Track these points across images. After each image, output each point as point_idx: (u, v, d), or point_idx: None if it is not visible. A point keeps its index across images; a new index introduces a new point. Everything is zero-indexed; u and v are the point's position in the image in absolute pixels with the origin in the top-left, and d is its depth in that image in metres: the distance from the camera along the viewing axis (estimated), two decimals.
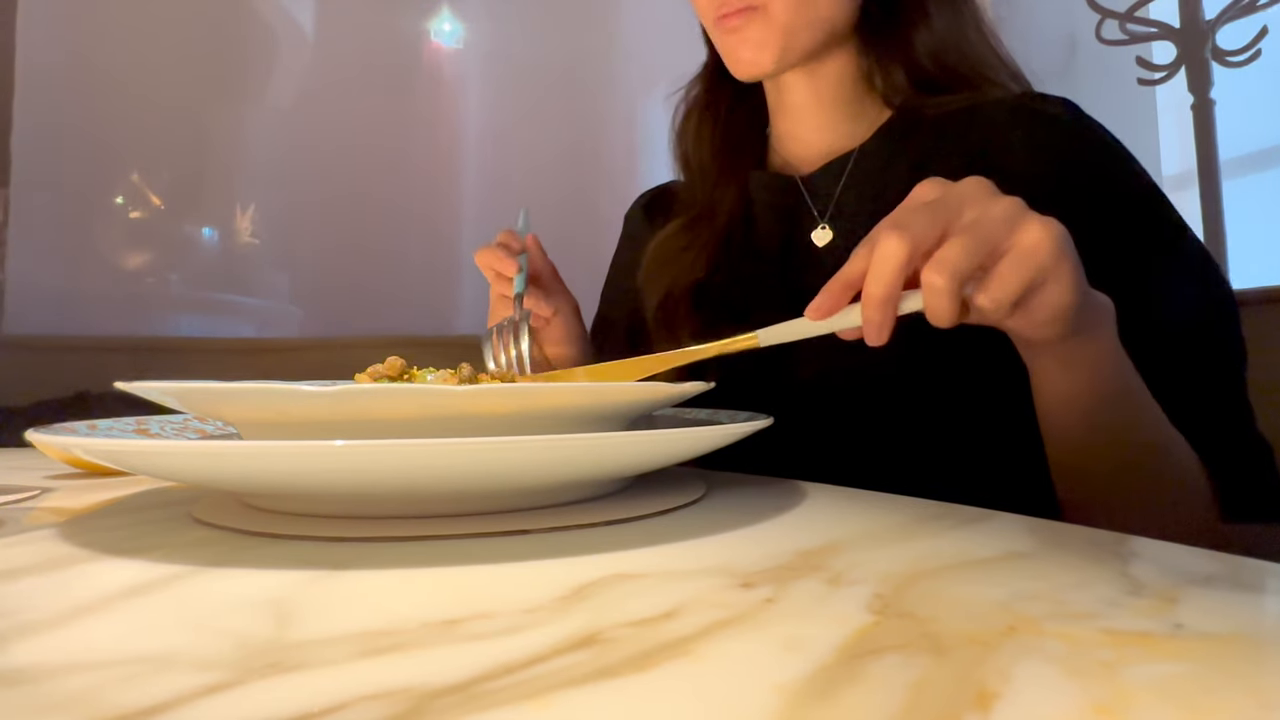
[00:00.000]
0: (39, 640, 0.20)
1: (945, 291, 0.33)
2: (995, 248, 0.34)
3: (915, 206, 0.36)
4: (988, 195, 0.36)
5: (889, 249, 0.34)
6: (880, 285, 0.34)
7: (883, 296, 0.34)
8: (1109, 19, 1.55)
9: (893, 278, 0.34)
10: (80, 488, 0.45)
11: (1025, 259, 0.34)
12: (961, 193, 0.36)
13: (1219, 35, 1.50)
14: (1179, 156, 1.68)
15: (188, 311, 1.54)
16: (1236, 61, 1.48)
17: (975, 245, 0.34)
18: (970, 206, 0.35)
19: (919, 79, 0.61)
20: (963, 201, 0.35)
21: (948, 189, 0.37)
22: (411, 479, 0.28)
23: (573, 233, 1.60)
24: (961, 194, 0.36)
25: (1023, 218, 0.35)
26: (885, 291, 0.34)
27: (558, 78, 1.65)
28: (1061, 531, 0.30)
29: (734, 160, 0.70)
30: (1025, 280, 0.35)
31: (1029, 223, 0.35)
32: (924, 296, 0.34)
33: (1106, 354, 0.42)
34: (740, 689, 0.16)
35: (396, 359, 0.43)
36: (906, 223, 0.34)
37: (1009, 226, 0.35)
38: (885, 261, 0.34)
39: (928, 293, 0.34)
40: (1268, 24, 1.45)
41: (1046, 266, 0.35)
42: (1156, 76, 1.57)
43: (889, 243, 0.34)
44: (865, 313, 0.35)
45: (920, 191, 0.37)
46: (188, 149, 1.54)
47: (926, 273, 0.34)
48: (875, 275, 0.34)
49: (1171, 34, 1.54)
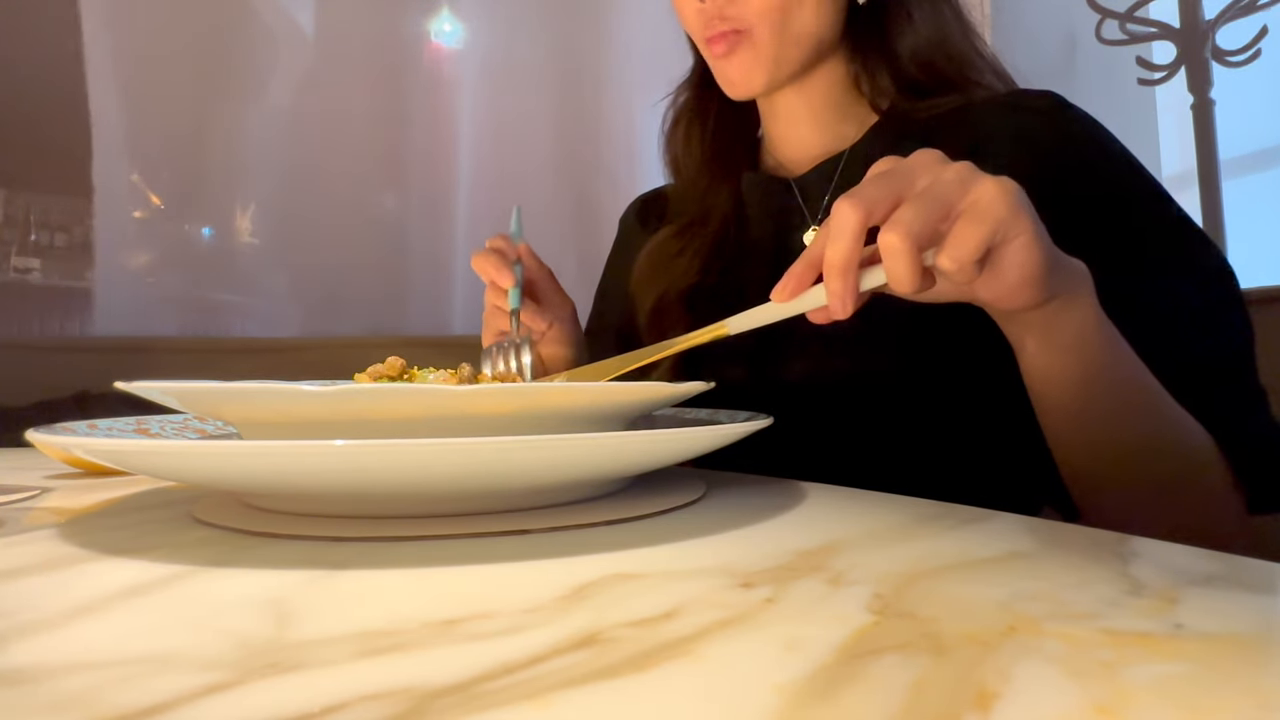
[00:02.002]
0: (39, 640, 0.20)
1: (902, 251, 0.34)
2: (950, 209, 0.35)
3: (867, 180, 0.36)
4: (938, 162, 0.37)
5: (843, 215, 0.34)
6: (838, 254, 0.35)
7: (842, 263, 0.35)
8: (1109, 19, 1.55)
9: (849, 243, 0.34)
10: (80, 488, 0.45)
11: (981, 215, 0.35)
12: (913, 163, 0.37)
13: (1219, 35, 1.50)
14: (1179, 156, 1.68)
15: (188, 311, 1.54)
16: (1236, 61, 1.48)
17: (929, 206, 0.34)
18: (922, 174, 0.36)
19: (905, 82, 0.62)
20: (914, 170, 0.36)
21: (899, 162, 0.37)
22: (411, 479, 0.28)
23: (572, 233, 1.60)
24: (912, 164, 0.37)
25: (974, 178, 0.35)
26: (843, 258, 0.35)
27: (557, 78, 1.65)
28: (1061, 531, 0.30)
29: (725, 163, 0.70)
30: (983, 236, 0.35)
31: (981, 181, 0.35)
32: (884, 261, 0.35)
33: (1089, 323, 0.41)
34: (740, 689, 0.16)
35: (396, 359, 0.43)
36: (859, 193, 0.35)
37: (962, 187, 0.35)
38: (840, 229, 0.35)
39: (886, 256, 0.34)
40: (1268, 24, 1.45)
41: (1003, 219, 0.35)
42: (1156, 76, 1.57)
43: (842, 211, 0.35)
44: (828, 283, 0.36)
45: (875, 168, 0.38)
46: (188, 149, 1.54)
47: (883, 234, 0.34)
48: (834, 244, 0.35)
49: (1171, 34, 1.54)
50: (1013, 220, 0.35)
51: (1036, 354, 0.43)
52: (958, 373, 0.55)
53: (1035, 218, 0.37)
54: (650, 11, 1.59)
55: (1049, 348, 0.42)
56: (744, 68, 0.60)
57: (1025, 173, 0.54)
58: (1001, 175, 0.36)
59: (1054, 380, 0.44)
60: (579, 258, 1.52)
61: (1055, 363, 0.43)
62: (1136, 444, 0.46)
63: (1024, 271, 0.37)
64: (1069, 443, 0.48)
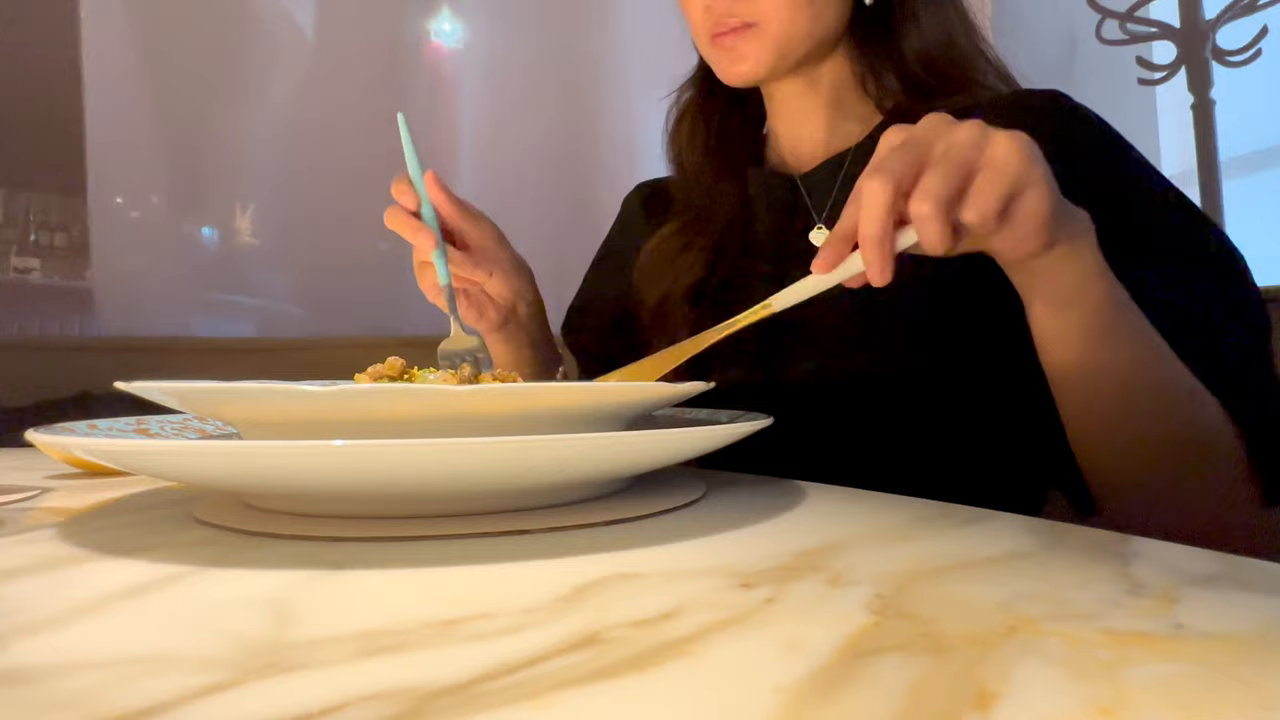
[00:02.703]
0: (39, 640, 0.20)
1: (933, 217, 0.36)
2: (969, 168, 0.37)
3: (887, 153, 0.38)
4: (949, 125, 0.39)
5: (874, 192, 0.37)
6: (872, 225, 0.37)
7: (877, 236, 0.37)
8: (1109, 19, 1.55)
9: (882, 217, 0.37)
10: (80, 488, 0.45)
11: (1000, 171, 0.37)
12: (926, 129, 0.39)
13: (1219, 35, 1.50)
14: (1179, 156, 1.68)
15: (188, 311, 1.54)
16: (1236, 61, 1.48)
17: (951, 170, 0.36)
18: (937, 139, 0.38)
19: (910, 82, 0.62)
20: (929, 136, 0.38)
21: (911, 131, 0.39)
22: (411, 479, 0.28)
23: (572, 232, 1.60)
24: (926, 130, 0.39)
25: (987, 136, 0.37)
26: (878, 231, 0.37)
27: (557, 78, 1.65)
28: (1061, 531, 0.30)
29: (729, 161, 0.70)
30: (1003, 190, 0.37)
31: (995, 138, 0.37)
32: (915, 227, 0.37)
33: (1091, 268, 0.42)
34: (740, 689, 0.16)
35: (396, 359, 0.43)
36: (884, 167, 0.37)
37: (978, 147, 0.37)
38: (873, 204, 0.37)
39: (918, 223, 0.37)
40: (1268, 24, 1.45)
41: (1020, 173, 0.37)
42: (1156, 76, 1.57)
43: (873, 187, 0.37)
44: (865, 255, 0.38)
45: (887, 139, 0.40)
46: (188, 149, 1.54)
47: (913, 204, 0.36)
48: (866, 218, 0.37)
49: (1171, 34, 1.54)
50: (1027, 171, 0.37)
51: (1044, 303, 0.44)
52: (962, 369, 0.55)
53: (1046, 166, 0.38)
54: (651, 11, 1.59)
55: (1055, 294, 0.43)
56: (748, 58, 0.60)
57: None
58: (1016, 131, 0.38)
59: (1062, 334, 0.45)
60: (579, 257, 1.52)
61: (1061, 312, 0.44)
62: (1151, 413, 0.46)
63: (1037, 220, 0.38)
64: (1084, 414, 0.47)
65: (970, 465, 0.56)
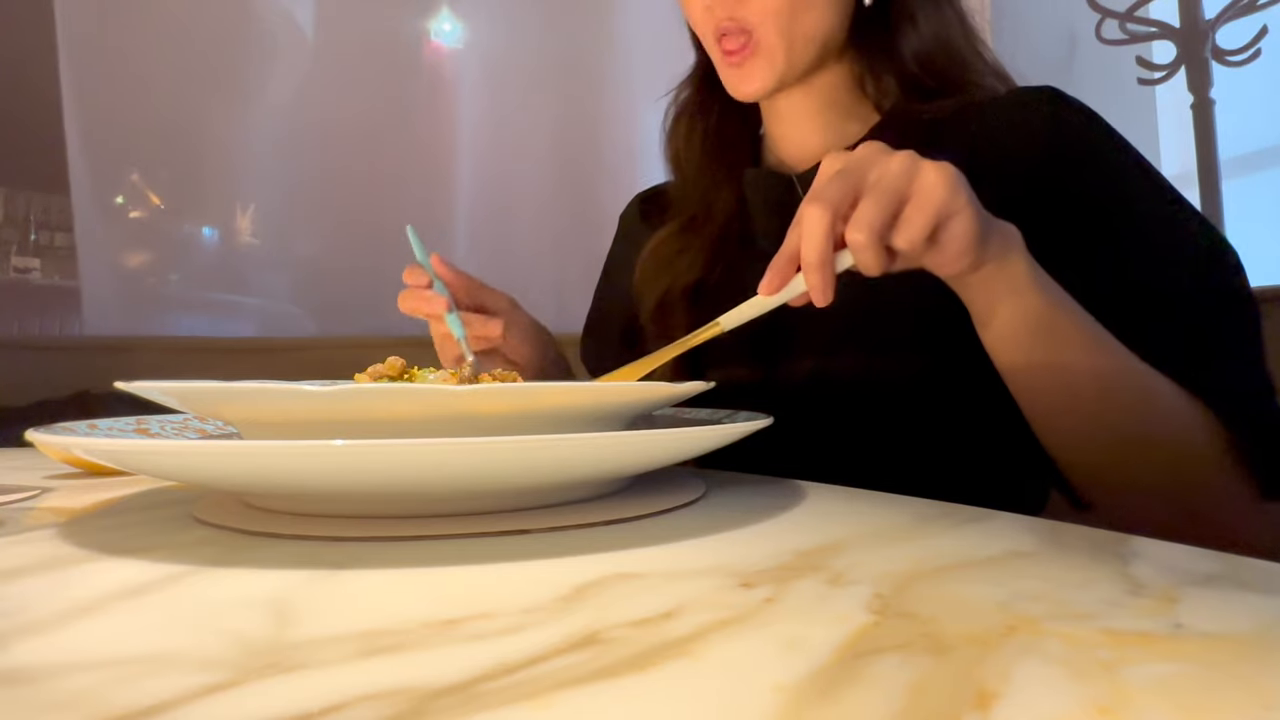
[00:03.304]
0: (39, 640, 0.20)
1: (868, 245, 0.39)
2: (901, 196, 0.40)
3: (826, 180, 0.41)
4: (883, 154, 0.41)
5: (813, 219, 0.39)
6: (813, 251, 0.39)
7: (818, 261, 0.39)
8: (1109, 18, 1.55)
9: (822, 243, 0.39)
10: (80, 488, 0.45)
11: (927, 201, 0.40)
12: (861, 158, 0.41)
13: (1219, 35, 1.50)
14: (1179, 156, 1.68)
15: (188, 311, 1.54)
16: (1236, 61, 1.48)
17: (884, 200, 0.39)
18: (871, 168, 0.40)
19: (908, 83, 0.62)
20: (864, 165, 0.41)
21: (848, 158, 0.42)
22: (411, 479, 0.28)
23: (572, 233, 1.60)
24: (861, 159, 0.41)
25: (917, 167, 0.40)
26: (819, 256, 0.39)
27: (558, 78, 1.65)
28: (1061, 531, 0.30)
29: (727, 160, 0.70)
30: (929, 219, 0.40)
31: (924, 169, 0.40)
32: (851, 253, 0.40)
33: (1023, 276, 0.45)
34: (740, 689, 0.16)
35: (396, 359, 0.43)
36: (823, 195, 0.40)
37: (907, 177, 0.40)
38: (813, 230, 0.39)
39: (854, 249, 0.39)
40: (1268, 24, 1.45)
41: (946, 202, 0.40)
42: (1156, 76, 1.57)
43: (812, 214, 0.39)
44: (807, 278, 0.40)
45: (826, 166, 0.43)
46: (188, 149, 1.54)
47: (849, 233, 0.39)
48: (808, 244, 0.39)
49: (1171, 34, 1.54)
50: (952, 200, 0.40)
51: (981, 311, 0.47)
52: (961, 368, 0.55)
53: (971, 194, 0.41)
54: (651, 10, 1.59)
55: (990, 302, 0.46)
56: (754, 75, 0.61)
57: (1026, 168, 0.54)
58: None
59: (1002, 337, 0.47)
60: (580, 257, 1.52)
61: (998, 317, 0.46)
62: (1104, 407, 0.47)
63: (962, 243, 0.41)
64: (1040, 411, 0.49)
65: (970, 464, 0.56)
